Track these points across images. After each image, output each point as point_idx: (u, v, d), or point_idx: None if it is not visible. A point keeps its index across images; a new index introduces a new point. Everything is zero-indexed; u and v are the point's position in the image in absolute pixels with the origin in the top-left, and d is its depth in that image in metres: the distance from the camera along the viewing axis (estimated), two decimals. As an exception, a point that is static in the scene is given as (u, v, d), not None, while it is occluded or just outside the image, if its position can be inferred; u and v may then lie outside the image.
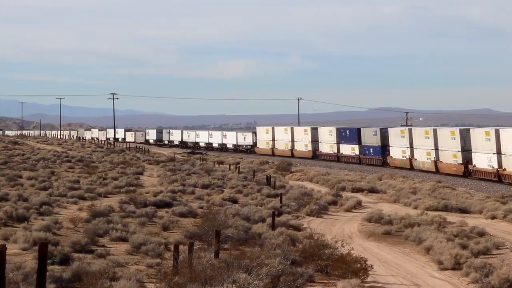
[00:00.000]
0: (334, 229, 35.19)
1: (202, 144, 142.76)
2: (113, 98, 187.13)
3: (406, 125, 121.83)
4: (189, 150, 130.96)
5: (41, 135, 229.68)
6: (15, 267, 18.11)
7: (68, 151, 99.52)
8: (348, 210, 43.38)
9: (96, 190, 44.55)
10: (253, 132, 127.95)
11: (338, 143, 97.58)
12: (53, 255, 20.94)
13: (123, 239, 26.28)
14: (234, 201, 42.56)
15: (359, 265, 22.27)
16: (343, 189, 55.56)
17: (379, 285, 22.07)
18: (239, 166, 73.53)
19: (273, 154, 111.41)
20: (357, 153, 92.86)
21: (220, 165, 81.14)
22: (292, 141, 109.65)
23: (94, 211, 32.22)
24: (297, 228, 32.92)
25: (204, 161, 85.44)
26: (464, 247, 26.92)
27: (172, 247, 21.53)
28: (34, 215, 31.52)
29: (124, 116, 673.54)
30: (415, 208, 43.65)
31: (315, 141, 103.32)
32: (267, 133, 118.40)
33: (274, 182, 53.51)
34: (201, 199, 43.79)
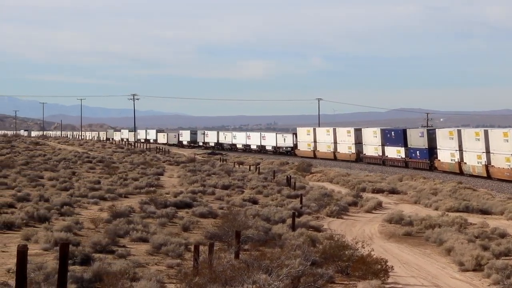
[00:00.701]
0: (354, 230, 35.12)
1: (239, 146, 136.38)
2: (134, 99, 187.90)
3: (427, 126, 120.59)
4: (209, 151, 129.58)
5: (65, 135, 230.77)
6: (37, 267, 18.20)
7: (89, 152, 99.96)
8: (368, 211, 43.28)
9: (117, 191, 44.67)
10: (293, 134, 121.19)
11: (383, 145, 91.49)
12: (74, 256, 21.01)
13: (144, 240, 26.33)
14: (254, 202, 42.56)
15: (379, 266, 22.19)
16: (363, 190, 55.44)
17: (400, 286, 21.99)
18: (259, 167, 73.56)
19: (314, 157, 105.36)
20: (403, 156, 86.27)
21: (240, 166, 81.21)
22: (335, 142, 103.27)
23: (114, 212, 32.29)
24: (317, 229, 32.88)
25: (224, 162, 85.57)
26: (485, 248, 26.79)
27: (192, 247, 21.53)
28: (55, 215, 31.64)
29: (144, 117, 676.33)
30: (436, 209, 43.48)
31: (358, 143, 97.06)
32: (308, 134, 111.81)
33: (294, 183, 53.44)
34: (221, 199, 43.79)
